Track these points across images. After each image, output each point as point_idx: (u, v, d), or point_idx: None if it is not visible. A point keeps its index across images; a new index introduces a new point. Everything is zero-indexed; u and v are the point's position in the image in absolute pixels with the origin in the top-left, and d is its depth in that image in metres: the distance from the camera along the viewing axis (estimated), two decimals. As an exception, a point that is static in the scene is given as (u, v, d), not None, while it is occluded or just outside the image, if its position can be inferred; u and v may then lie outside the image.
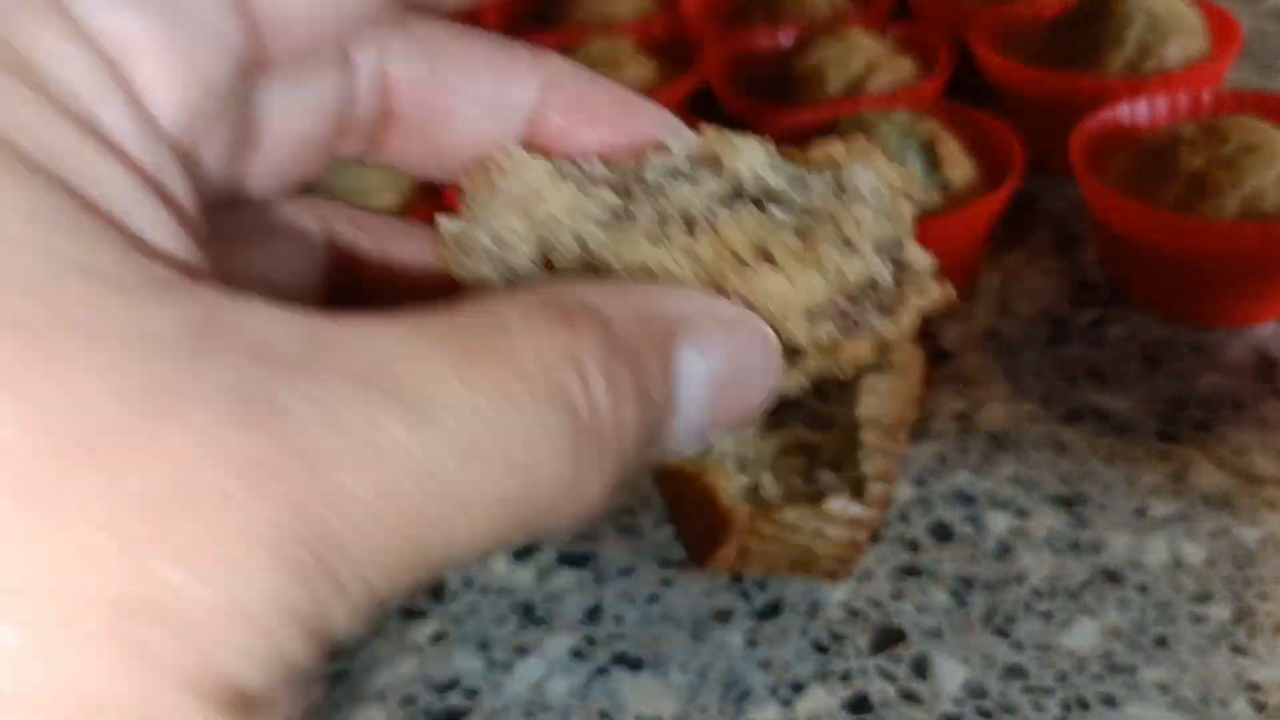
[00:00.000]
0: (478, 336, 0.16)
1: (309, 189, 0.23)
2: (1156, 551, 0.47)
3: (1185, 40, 0.70)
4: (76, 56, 0.15)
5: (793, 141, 0.30)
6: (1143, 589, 0.46)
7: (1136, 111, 0.67)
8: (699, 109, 0.84)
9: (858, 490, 0.42)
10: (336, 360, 0.15)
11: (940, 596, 0.47)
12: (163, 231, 0.15)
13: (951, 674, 0.43)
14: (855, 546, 0.43)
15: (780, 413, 0.46)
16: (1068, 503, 0.50)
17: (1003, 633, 0.45)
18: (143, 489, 0.13)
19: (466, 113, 0.23)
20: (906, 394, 0.44)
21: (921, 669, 0.44)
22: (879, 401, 0.43)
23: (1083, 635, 0.44)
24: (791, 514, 0.41)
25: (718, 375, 0.20)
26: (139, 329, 0.14)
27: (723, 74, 0.81)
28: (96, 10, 0.15)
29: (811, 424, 0.46)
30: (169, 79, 0.16)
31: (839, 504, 0.42)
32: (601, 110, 0.24)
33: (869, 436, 0.42)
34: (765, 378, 0.22)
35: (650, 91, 0.78)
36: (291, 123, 0.21)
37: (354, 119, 0.23)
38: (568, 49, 0.82)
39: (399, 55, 0.22)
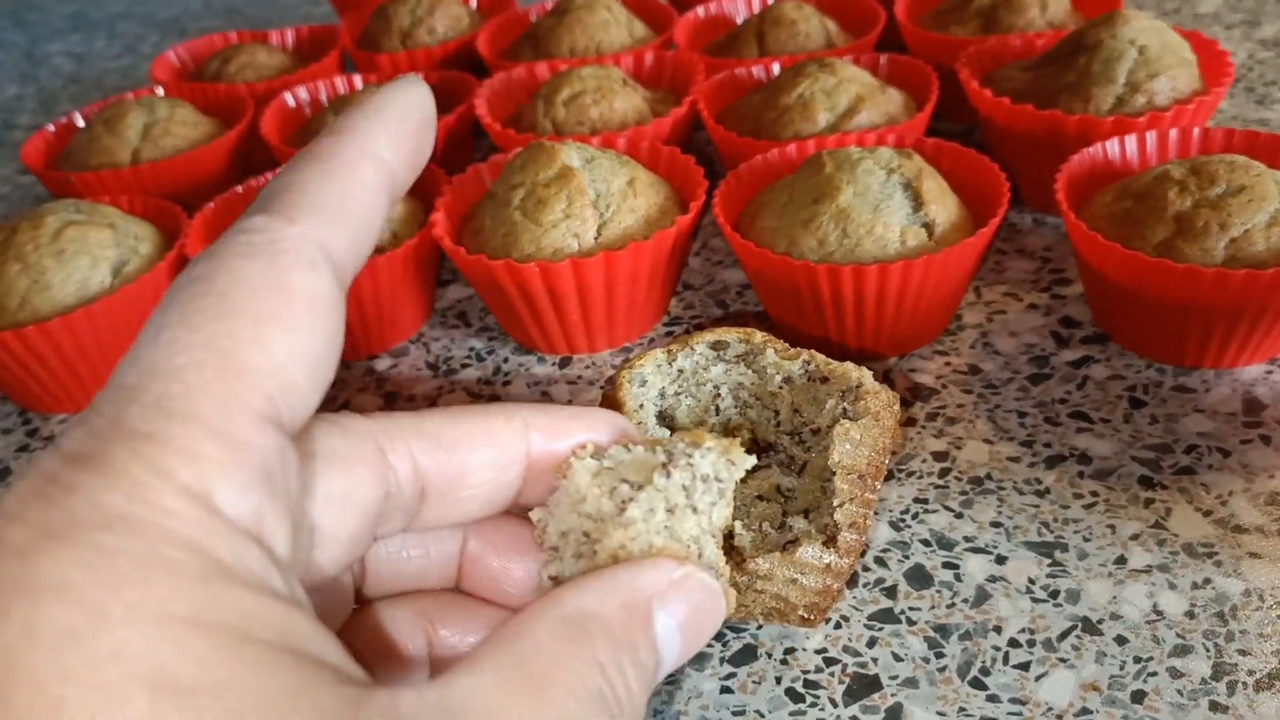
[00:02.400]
0: (533, 669, 0.24)
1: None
2: (1137, 602, 0.47)
3: (1176, 74, 0.70)
4: (241, 543, 0.22)
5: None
6: (1121, 641, 0.45)
7: (1124, 149, 0.66)
8: (688, 143, 0.84)
9: (830, 538, 0.42)
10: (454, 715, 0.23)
11: (916, 645, 0.46)
12: (332, 651, 0.23)
13: (926, 727, 0.43)
14: (829, 594, 0.42)
15: (758, 457, 0.45)
16: (1048, 549, 0.50)
17: (979, 684, 0.44)
18: None
19: (477, 475, 0.31)
20: (880, 441, 0.43)
21: (896, 721, 0.43)
22: (852, 449, 0.43)
23: (1060, 688, 0.43)
24: (764, 563, 0.41)
25: (683, 623, 0.28)
26: None
27: (711, 106, 0.81)
28: (239, 503, 0.22)
29: (787, 468, 0.46)
30: (281, 531, 0.23)
31: (811, 552, 0.41)
32: (571, 429, 0.32)
33: (842, 484, 0.42)
34: (715, 612, 0.30)
35: (639, 125, 0.78)
36: (344, 529, 0.28)
37: (397, 505, 0.30)
38: (560, 77, 0.82)
39: (422, 450, 0.30)
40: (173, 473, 0.21)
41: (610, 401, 0.44)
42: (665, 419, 0.47)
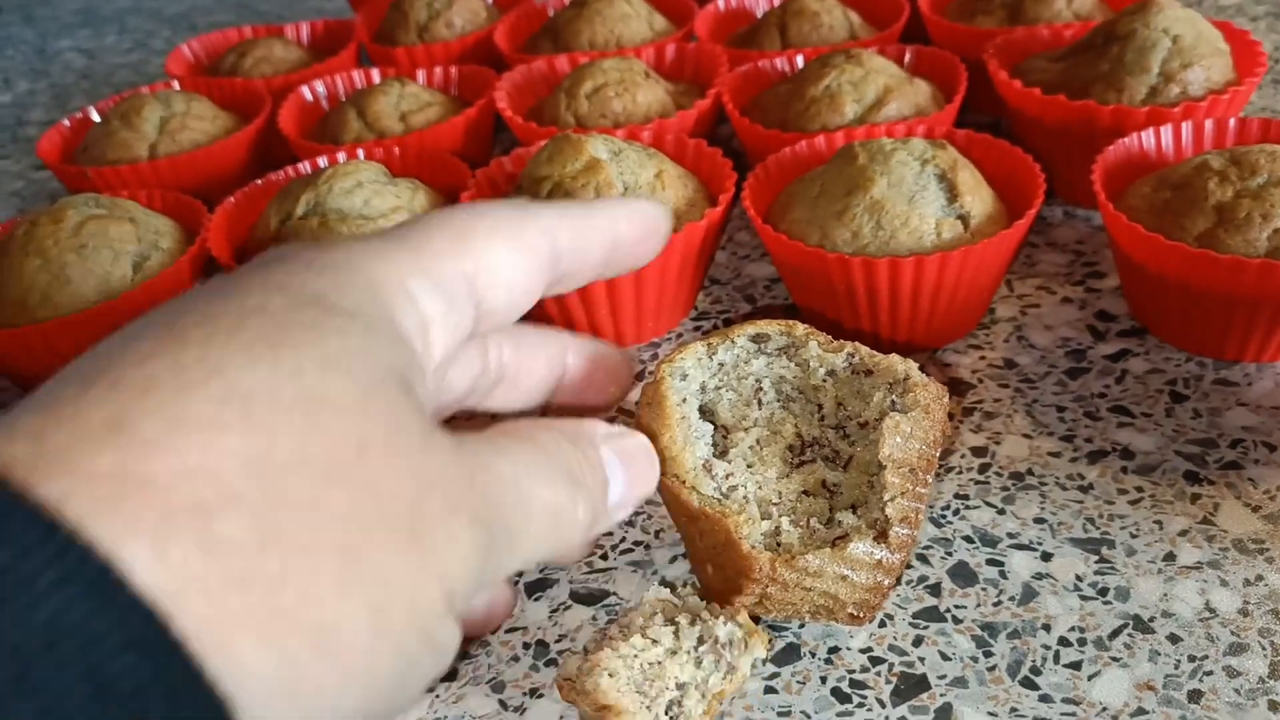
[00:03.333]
0: (533, 437, 0.33)
1: None
2: (1188, 599, 0.46)
3: (1210, 64, 0.69)
4: (411, 308, 0.30)
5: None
6: (1174, 639, 0.44)
7: (1160, 139, 0.65)
8: (714, 135, 0.83)
9: (880, 533, 0.41)
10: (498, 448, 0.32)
11: (964, 643, 0.45)
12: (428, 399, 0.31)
13: (978, 728, 0.42)
14: (879, 591, 0.41)
15: (802, 451, 0.45)
16: (1094, 546, 0.49)
17: (1030, 684, 0.43)
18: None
19: (537, 369, 0.41)
20: (930, 434, 0.43)
21: (946, 721, 0.42)
22: (903, 442, 0.42)
23: (1114, 688, 0.42)
24: (814, 560, 0.40)
25: (625, 463, 0.37)
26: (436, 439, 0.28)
27: (736, 98, 0.80)
28: (423, 297, 0.31)
29: (832, 462, 0.45)
30: (447, 327, 0.32)
31: (862, 547, 0.40)
32: (605, 364, 0.43)
33: (893, 478, 0.41)
34: (650, 468, 0.40)
35: (662, 118, 0.77)
36: (459, 382, 0.38)
37: (481, 383, 0.39)
38: (582, 69, 0.81)
39: (504, 343, 0.40)
40: (390, 257, 0.30)
41: (652, 396, 0.44)
42: (707, 414, 0.46)
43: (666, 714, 0.39)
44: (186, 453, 0.22)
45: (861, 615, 0.42)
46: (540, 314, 0.66)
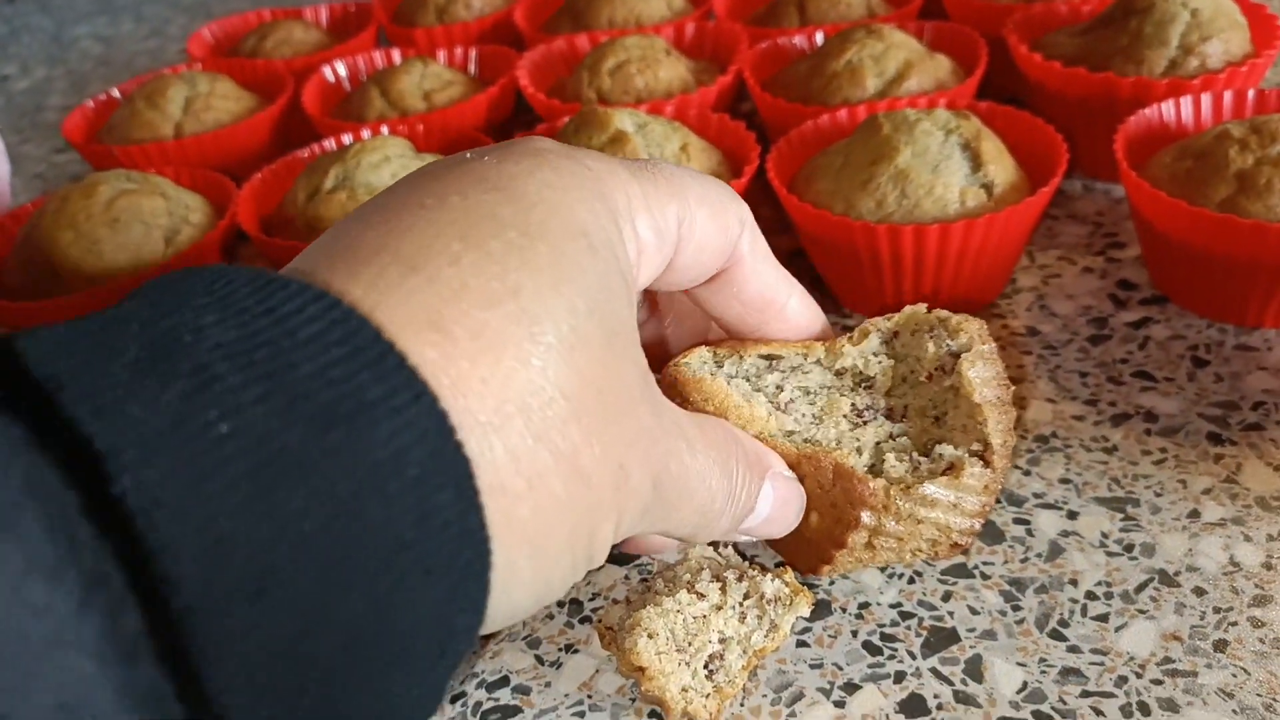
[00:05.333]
0: (716, 438, 0.37)
1: None
2: (1212, 554, 0.46)
3: (1229, 37, 0.70)
4: (634, 243, 0.34)
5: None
6: (1200, 592, 0.45)
7: (1180, 111, 0.66)
8: (734, 112, 0.84)
9: (984, 458, 0.41)
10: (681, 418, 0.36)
11: (992, 598, 0.46)
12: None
13: (1008, 677, 0.42)
14: (982, 514, 0.42)
15: (859, 415, 0.45)
16: (1119, 504, 0.50)
17: (1058, 635, 0.44)
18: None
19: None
20: (995, 361, 0.43)
21: (976, 672, 0.43)
22: (981, 375, 0.42)
23: (1141, 638, 0.43)
24: (931, 487, 0.40)
25: (775, 503, 0.40)
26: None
27: (757, 75, 0.81)
28: (644, 230, 0.34)
29: (891, 417, 0.45)
30: (649, 266, 0.35)
31: (975, 471, 0.41)
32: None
33: (989, 412, 0.42)
34: (793, 517, 0.41)
35: (685, 92, 0.78)
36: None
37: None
38: (603, 46, 0.82)
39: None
40: (628, 189, 0.34)
41: (685, 390, 0.42)
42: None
43: (706, 668, 0.40)
44: (485, 367, 0.27)
45: (965, 543, 0.43)
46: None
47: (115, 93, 0.95)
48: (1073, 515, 0.49)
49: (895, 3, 0.92)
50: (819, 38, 0.83)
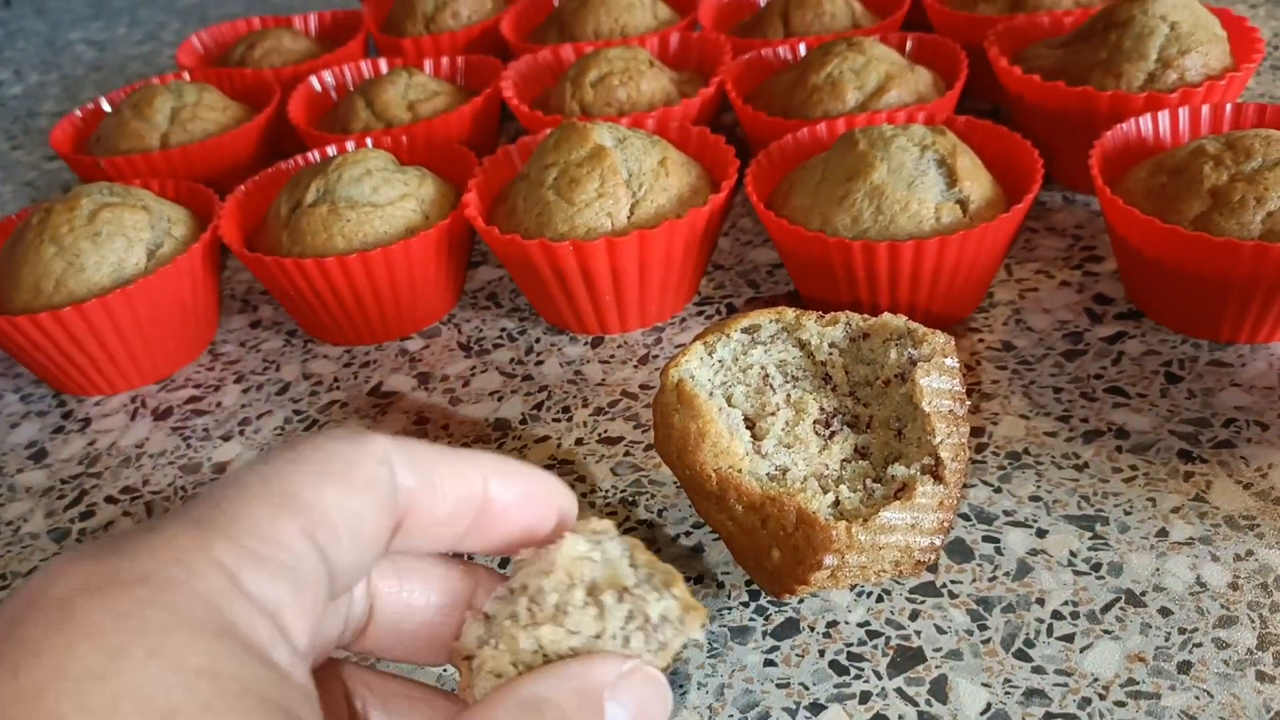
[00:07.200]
0: None
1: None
2: (1179, 574, 0.47)
3: (1208, 50, 0.70)
4: (256, 621, 0.24)
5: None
6: (1165, 612, 0.45)
7: (1157, 125, 0.66)
8: (716, 123, 0.84)
9: (936, 474, 0.42)
10: None
11: (959, 617, 0.46)
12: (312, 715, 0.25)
13: (972, 698, 0.43)
14: (942, 530, 0.43)
15: (828, 424, 0.46)
16: (1088, 523, 0.50)
17: (1023, 656, 0.44)
18: None
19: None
20: (954, 374, 0.44)
21: (941, 692, 0.43)
22: (935, 386, 0.44)
23: (1105, 659, 0.43)
24: (887, 514, 0.41)
25: (633, 715, 0.29)
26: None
27: (739, 87, 0.81)
28: (264, 586, 0.24)
29: (854, 427, 0.46)
30: (301, 625, 0.25)
31: (927, 490, 0.42)
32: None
33: (936, 422, 0.43)
34: (662, 705, 0.31)
35: (667, 106, 0.78)
36: (331, 629, 0.31)
37: (351, 621, 0.32)
38: (587, 58, 0.82)
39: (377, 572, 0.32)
40: (212, 549, 0.24)
41: (675, 400, 0.45)
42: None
43: None
44: None
45: (928, 559, 0.43)
46: (544, 302, 0.67)
47: (104, 102, 0.96)
48: (1042, 533, 0.50)
49: (879, 13, 0.93)
50: (802, 49, 0.83)
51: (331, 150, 0.77)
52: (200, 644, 0.22)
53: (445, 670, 0.47)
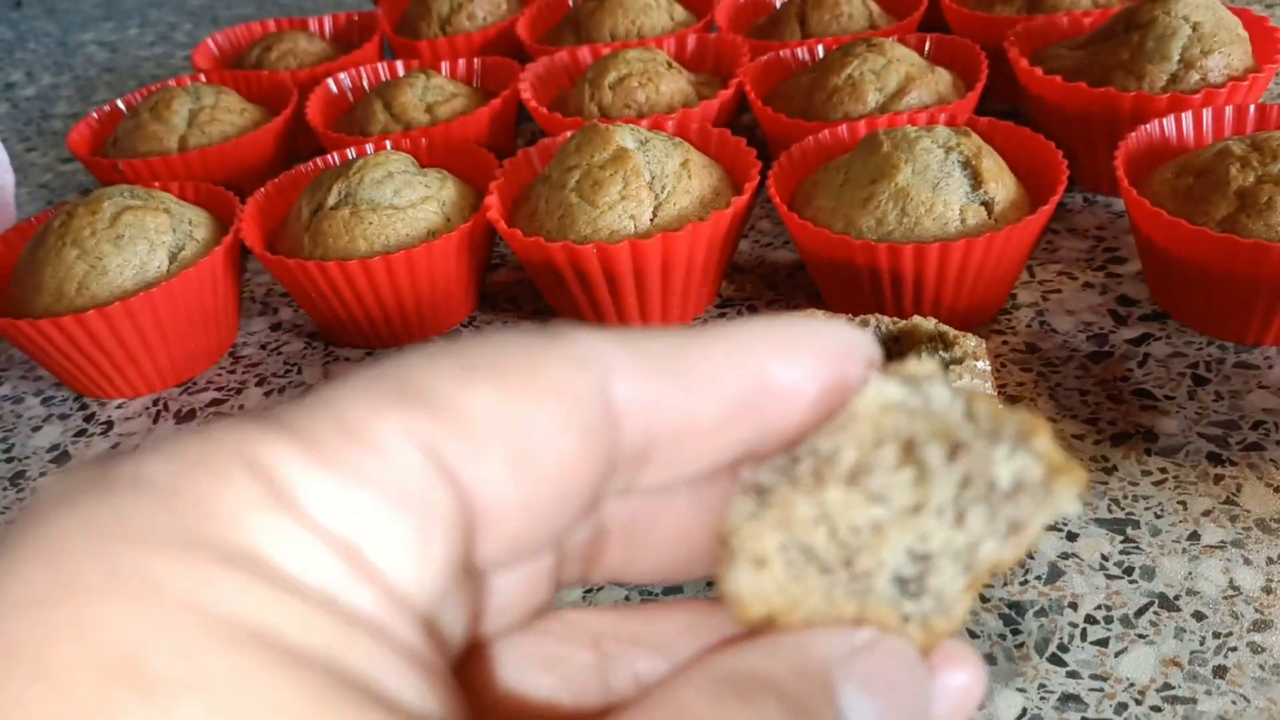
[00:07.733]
0: None
1: None
2: (1212, 577, 0.46)
3: (1230, 51, 0.70)
4: (307, 546, 0.16)
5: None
6: (1199, 616, 0.45)
7: (1180, 126, 0.66)
8: (735, 125, 0.84)
9: None
10: None
11: (991, 622, 0.46)
12: (414, 693, 0.16)
13: (1007, 703, 0.43)
14: None
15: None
16: (1119, 526, 0.50)
17: (1058, 660, 0.44)
18: None
19: (669, 519, 0.23)
20: (987, 378, 0.44)
21: (975, 696, 0.43)
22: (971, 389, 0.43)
23: (1140, 664, 0.43)
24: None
25: (880, 707, 0.20)
26: None
27: (757, 88, 0.81)
28: (328, 501, 0.16)
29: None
30: (412, 562, 0.17)
31: None
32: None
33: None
34: (917, 686, 0.21)
35: (686, 108, 0.78)
36: (516, 584, 0.21)
37: (571, 550, 0.23)
38: (605, 60, 0.82)
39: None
40: (258, 447, 0.17)
41: None
42: None
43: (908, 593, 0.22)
44: None
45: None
46: (566, 305, 0.67)
47: (120, 104, 0.96)
48: (1072, 537, 0.49)
49: (897, 14, 0.93)
50: (820, 51, 0.83)
51: (351, 153, 0.77)
52: (195, 569, 0.15)
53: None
